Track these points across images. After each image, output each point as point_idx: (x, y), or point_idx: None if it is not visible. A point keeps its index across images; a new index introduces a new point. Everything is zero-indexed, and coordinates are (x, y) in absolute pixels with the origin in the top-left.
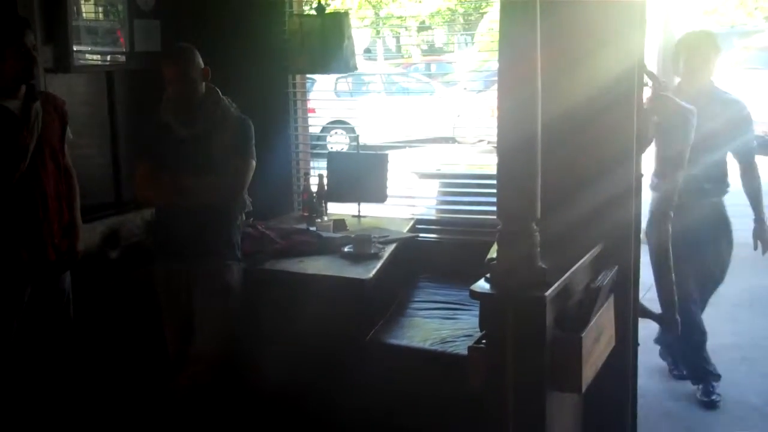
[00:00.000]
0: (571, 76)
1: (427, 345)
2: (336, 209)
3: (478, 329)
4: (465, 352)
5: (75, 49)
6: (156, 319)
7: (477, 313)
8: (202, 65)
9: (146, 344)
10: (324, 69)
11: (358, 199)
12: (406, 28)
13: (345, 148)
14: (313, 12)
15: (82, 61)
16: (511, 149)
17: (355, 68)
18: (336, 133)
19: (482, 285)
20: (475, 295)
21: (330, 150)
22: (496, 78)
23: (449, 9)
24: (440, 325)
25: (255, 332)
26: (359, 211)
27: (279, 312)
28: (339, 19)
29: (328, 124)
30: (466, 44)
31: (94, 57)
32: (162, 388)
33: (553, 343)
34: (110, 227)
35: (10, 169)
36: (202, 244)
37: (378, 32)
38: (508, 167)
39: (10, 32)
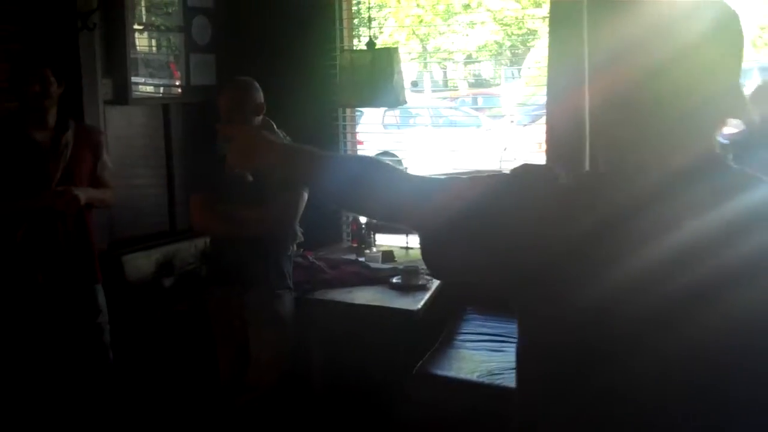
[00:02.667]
0: None
1: (474, 377)
2: (384, 240)
3: None
4: (513, 384)
5: (133, 81)
6: (209, 348)
7: None
8: (259, 99)
9: (199, 372)
10: (374, 103)
11: (406, 230)
12: (453, 61)
13: None
14: (364, 47)
15: (138, 94)
16: None
17: (404, 102)
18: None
19: None
20: None
21: None
22: (542, 112)
23: (496, 42)
24: (488, 358)
25: (305, 361)
26: (407, 243)
27: (328, 341)
28: (389, 54)
29: (375, 155)
30: (513, 77)
31: (151, 89)
32: (215, 416)
33: None
34: (165, 256)
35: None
36: (254, 273)
37: (425, 65)
38: None
39: (32, 59)
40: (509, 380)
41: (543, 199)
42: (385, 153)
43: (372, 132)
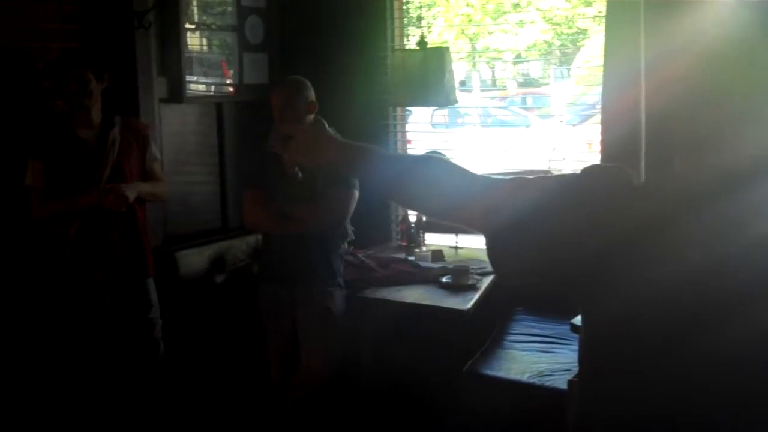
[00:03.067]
0: None
1: (524, 378)
2: (433, 240)
3: (576, 364)
4: (563, 386)
5: (186, 80)
6: (260, 344)
7: (575, 347)
8: (311, 98)
9: (250, 369)
10: (425, 102)
11: (456, 230)
12: (502, 60)
13: None
14: (415, 46)
15: (192, 92)
16: None
17: (455, 101)
18: None
19: None
20: (576, 329)
21: None
22: (592, 111)
23: (546, 42)
24: (538, 359)
25: (354, 359)
26: (456, 242)
27: (377, 340)
28: (440, 54)
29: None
30: (562, 77)
31: (204, 88)
32: (264, 412)
33: None
34: (217, 252)
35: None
36: (305, 270)
37: (474, 65)
38: None
39: (62, 62)
40: (559, 381)
41: (617, 198)
42: (434, 152)
43: (420, 131)
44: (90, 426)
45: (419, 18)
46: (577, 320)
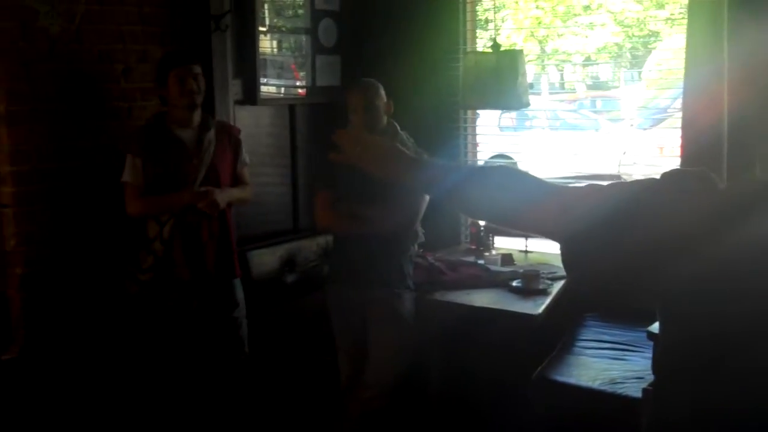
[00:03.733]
0: None
1: (596, 385)
2: (503, 243)
3: (650, 372)
4: (636, 394)
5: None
6: (329, 345)
7: (649, 355)
8: (385, 99)
9: (319, 369)
10: (497, 105)
11: (526, 233)
12: (571, 63)
13: None
14: (487, 49)
15: (265, 94)
16: None
17: (528, 104)
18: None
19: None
20: (653, 336)
21: None
22: (664, 115)
23: (616, 44)
24: (609, 366)
25: (423, 362)
26: (526, 246)
27: (446, 343)
28: (513, 56)
29: (490, 158)
30: (633, 80)
31: (276, 90)
32: (333, 413)
33: None
34: (288, 252)
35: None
36: (375, 272)
37: (543, 67)
38: None
39: (174, 60)
40: (632, 389)
41: (701, 201)
42: (501, 156)
43: (488, 134)
44: (177, 422)
45: (487, 21)
46: (655, 327)
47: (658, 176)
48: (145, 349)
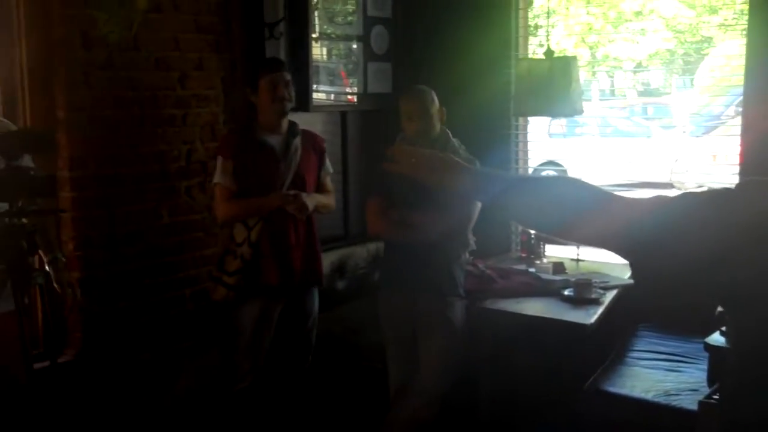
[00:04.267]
0: None
1: (649, 397)
2: (554, 251)
3: (705, 384)
4: (691, 406)
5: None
6: (379, 351)
7: (704, 366)
8: (438, 106)
9: (368, 376)
10: (550, 112)
11: (579, 244)
12: (622, 69)
13: None
14: (541, 55)
15: (317, 101)
16: None
17: (581, 111)
18: (547, 174)
19: (717, 338)
20: (710, 348)
21: None
22: (717, 122)
23: (668, 50)
24: (663, 377)
25: (473, 369)
26: (578, 255)
27: (496, 351)
28: (567, 63)
29: (540, 165)
30: (685, 86)
31: (326, 96)
32: (382, 420)
33: None
34: (339, 258)
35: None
36: (426, 279)
37: (593, 74)
38: None
39: (266, 67)
40: (687, 402)
41: None
42: (551, 163)
43: (538, 141)
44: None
45: (536, 27)
46: (712, 339)
47: (731, 186)
48: (227, 350)
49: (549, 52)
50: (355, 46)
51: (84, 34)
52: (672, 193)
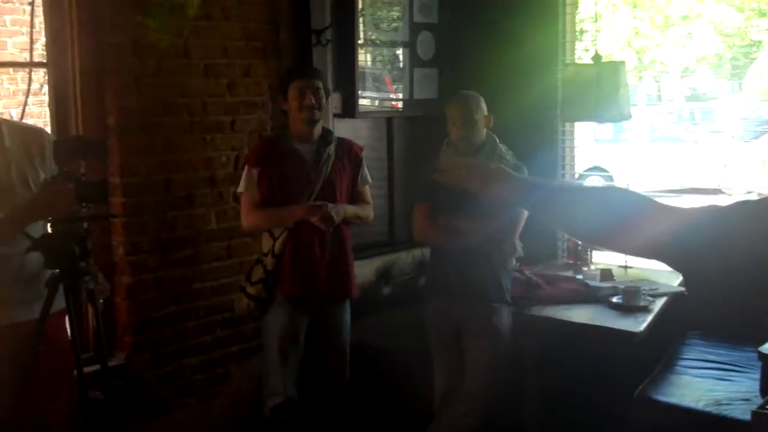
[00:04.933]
0: None
1: (700, 406)
2: (601, 258)
3: (758, 394)
4: (743, 416)
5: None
6: (424, 357)
7: (757, 375)
8: (486, 112)
9: (413, 381)
10: (598, 117)
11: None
12: (669, 73)
13: None
14: (588, 61)
15: (363, 107)
16: None
17: (629, 116)
18: (592, 179)
19: None
20: (764, 357)
21: None
22: (766, 127)
23: (716, 54)
24: (714, 386)
25: (519, 376)
26: (626, 262)
27: (543, 358)
28: (615, 68)
29: (586, 170)
30: (733, 91)
31: (372, 103)
32: (427, 427)
33: None
34: (384, 264)
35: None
36: (473, 285)
37: (640, 78)
38: None
39: (295, 73)
40: (739, 411)
41: None
42: (597, 168)
43: (585, 146)
44: None
45: (581, 31)
46: (767, 348)
47: None
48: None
49: (597, 57)
50: (399, 52)
51: (135, 42)
52: (720, 199)
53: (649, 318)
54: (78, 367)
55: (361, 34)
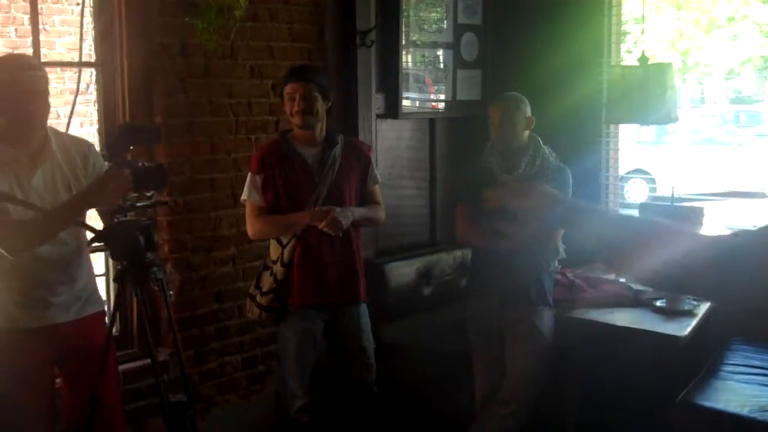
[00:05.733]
0: None
1: (744, 412)
2: None
3: None
4: None
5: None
6: (466, 358)
7: None
8: (528, 114)
9: (454, 382)
10: (644, 119)
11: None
12: (713, 76)
13: (644, 198)
14: (633, 62)
15: (406, 108)
16: None
17: (676, 119)
18: (634, 182)
19: None
20: None
21: (637, 201)
22: None
23: (761, 57)
24: (759, 392)
25: (560, 380)
26: None
27: (585, 362)
28: (662, 70)
29: (627, 173)
30: None
31: (410, 104)
32: (467, 427)
33: None
34: (425, 265)
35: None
36: (515, 287)
37: (684, 80)
38: None
39: (288, 77)
40: None
41: None
42: (638, 171)
43: (629, 148)
44: None
45: (624, 33)
46: None
47: None
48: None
49: (643, 59)
50: (440, 53)
51: (182, 42)
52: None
53: (694, 322)
54: (154, 370)
55: (415, 35)
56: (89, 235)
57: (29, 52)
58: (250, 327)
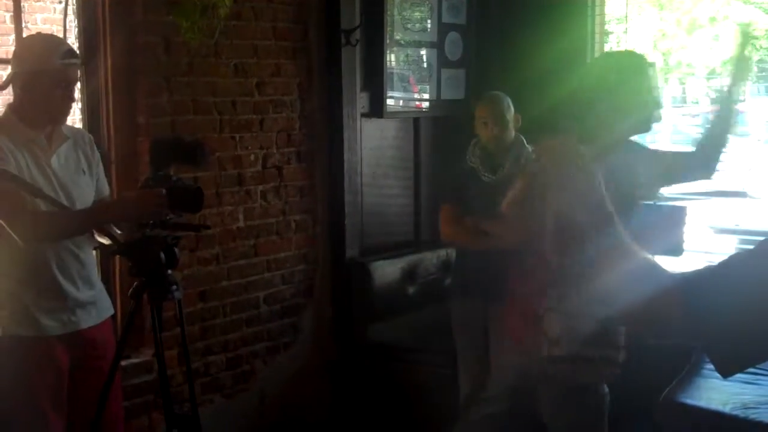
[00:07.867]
0: None
1: (726, 409)
2: None
3: None
4: None
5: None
6: (450, 357)
7: None
8: (513, 112)
9: (439, 381)
10: None
11: (654, 251)
12: (694, 75)
13: None
14: None
15: (391, 107)
16: None
17: (659, 119)
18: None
19: None
20: None
21: None
22: None
23: None
24: (741, 390)
25: None
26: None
27: None
28: None
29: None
30: (759, 94)
31: (394, 103)
32: (453, 427)
33: None
34: (409, 264)
35: None
36: (500, 286)
37: (666, 80)
38: None
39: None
40: (766, 415)
41: None
42: None
43: None
44: None
45: (607, 33)
46: None
47: None
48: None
49: None
50: (423, 52)
51: (166, 41)
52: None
53: None
54: (163, 383)
55: (399, 34)
56: (107, 243)
57: (10, 50)
58: (235, 326)
